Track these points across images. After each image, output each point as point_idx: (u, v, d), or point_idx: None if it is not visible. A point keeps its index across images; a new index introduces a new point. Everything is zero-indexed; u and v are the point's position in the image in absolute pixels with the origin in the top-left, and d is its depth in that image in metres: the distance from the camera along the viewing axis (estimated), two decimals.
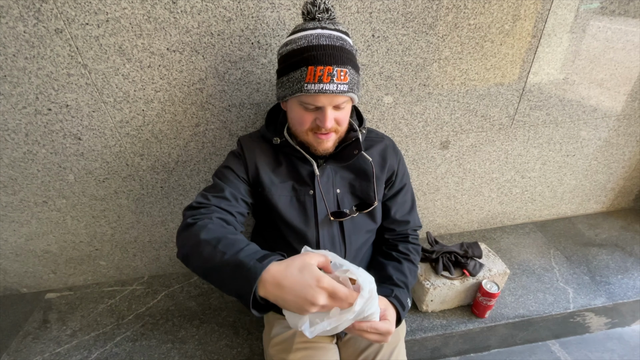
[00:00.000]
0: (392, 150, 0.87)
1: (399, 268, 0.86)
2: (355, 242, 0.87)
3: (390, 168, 0.86)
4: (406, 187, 0.91)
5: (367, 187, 0.84)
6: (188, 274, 1.43)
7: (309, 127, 0.71)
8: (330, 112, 0.68)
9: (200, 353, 1.12)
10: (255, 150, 0.81)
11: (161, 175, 1.16)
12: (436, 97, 1.15)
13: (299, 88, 0.65)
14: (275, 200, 0.80)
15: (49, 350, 1.16)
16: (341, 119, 0.72)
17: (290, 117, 0.75)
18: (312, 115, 0.70)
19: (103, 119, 1.02)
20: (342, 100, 0.68)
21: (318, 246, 0.83)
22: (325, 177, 0.81)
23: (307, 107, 0.68)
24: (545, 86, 1.20)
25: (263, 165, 0.80)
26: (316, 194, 0.80)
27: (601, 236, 1.55)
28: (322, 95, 0.65)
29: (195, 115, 1.05)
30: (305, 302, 0.49)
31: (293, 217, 0.81)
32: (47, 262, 1.30)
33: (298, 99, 0.68)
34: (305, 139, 0.75)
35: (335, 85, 0.65)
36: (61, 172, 1.10)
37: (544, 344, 1.37)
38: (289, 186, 0.81)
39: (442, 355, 1.31)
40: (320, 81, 0.64)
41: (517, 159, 1.38)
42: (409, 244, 0.91)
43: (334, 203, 0.83)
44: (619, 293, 1.28)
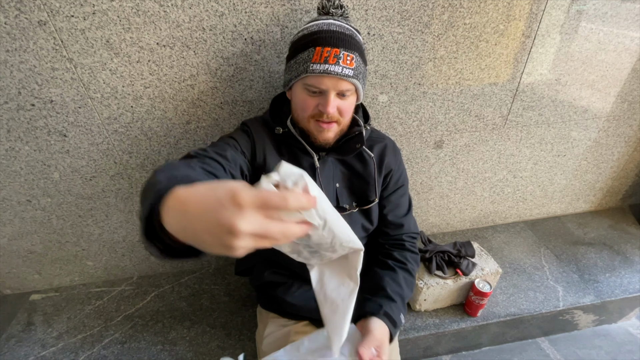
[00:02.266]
0: (391, 150, 0.87)
1: (395, 278, 0.81)
2: None
3: (387, 167, 0.85)
4: (402, 189, 0.90)
5: (367, 184, 0.84)
6: (178, 274, 1.40)
7: (311, 113, 0.71)
8: (334, 99, 0.68)
9: (192, 355, 1.10)
10: (263, 136, 0.79)
11: (150, 174, 1.13)
12: (431, 97, 1.15)
13: (305, 69, 0.66)
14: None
15: (34, 353, 1.12)
16: (344, 109, 0.71)
17: (294, 102, 0.75)
18: (315, 100, 0.70)
19: (90, 116, 0.98)
20: (347, 87, 0.68)
21: None
22: (326, 170, 0.80)
23: (311, 89, 0.68)
24: (538, 87, 1.21)
25: (270, 154, 0.78)
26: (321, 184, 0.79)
27: (590, 235, 1.57)
28: (326, 77, 0.66)
29: (186, 112, 1.02)
30: (220, 228, 0.30)
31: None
32: (31, 262, 1.26)
33: (303, 81, 0.69)
34: (306, 127, 0.74)
35: (341, 68, 0.65)
36: (45, 170, 1.06)
37: (533, 341, 1.40)
38: None
39: (434, 353, 1.32)
40: (325, 61, 0.64)
41: (510, 159, 1.39)
42: (406, 252, 0.87)
43: (333, 197, 0.82)
44: (606, 291, 1.30)
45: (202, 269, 1.41)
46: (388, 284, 0.80)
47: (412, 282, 0.85)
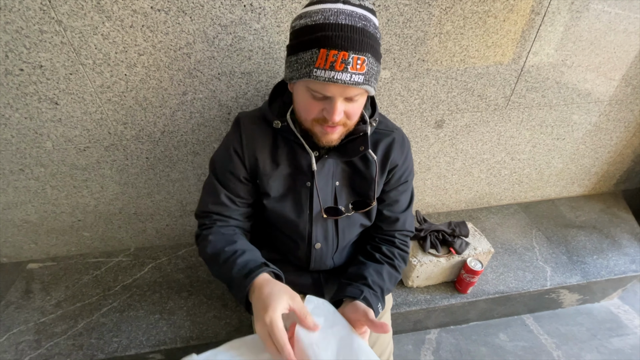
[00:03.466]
0: (399, 145, 0.78)
1: (378, 270, 0.79)
2: (348, 236, 0.85)
3: (392, 163, 0.79)
4: (404, 185, 0.83)
5: (367, 186, 0.78)
6: (175, 246, 1.42)
7: (315, 117, 0.64)
8: (340, 105, 0.60)
9: (189, 324, 1.13)
10: (255, 136, 0.74)
11: (146, 146, 1.11)
12: (434, 74, 1.12)
13: (307, 73, 0.57)
14: (270, 187, 0.76)
15: (33, 319, 1.15)
16: (352, 113, 0.64)
17: (296, 102, 0.67)
18: (319, 104, 0.62)
19: (82, 83, 0.95)
20: (355, 92, 0.60)
21: (310, 239, 0.81)
22: (326, 169, 0.75)
23: (315, 95, 0.60)
24: (543, 67, 1.19)
25: (262, 153, 0.74)
26: (313, 187, 0.75)
27: (581, 218, 1.60)
28: (332, 84, 0.57)
29: (182, 82, 0.99)
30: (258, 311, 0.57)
31: (286, 208, 0.78)
32: (27, 232, 1.26)
33: (305, 84, 0.60)
34: (309, 128, 0.68)
35: (349, 75, 0.56)
36: (38, 139, 1.03)
37: (519, 317, 1.45)
38: (286, 174, 0.76)
39: (423, 327, 1.38)
40: (332, 68, 0.55)
41: (509, 141, 1.39)
42: (395, 248, 0.84)
43: (331, 196, 0.78)
44: (592, 272, 1.34)
45: None
46: (370, 275, 0.77)
47: (396, 277, 0.82)
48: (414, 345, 1.34)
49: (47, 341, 1.09)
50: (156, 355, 1.11)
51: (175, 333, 1.11)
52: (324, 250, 0.84)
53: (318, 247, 0.83)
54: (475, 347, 1.34)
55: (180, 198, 1.28)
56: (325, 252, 0.85)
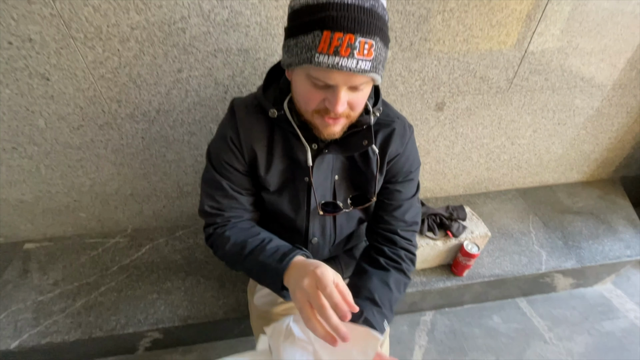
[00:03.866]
0: (399, 137, 0.72)
1: (384, 279, 0.73)
2: (346, 231, 0.83)
3: (390, 155, 0.73)
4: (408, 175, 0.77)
5: (367, 181, 0.74)
6: (172, 228, 1.41)
7: (316, 107, 0.58)
8: (344, 94, 0.54)
9: (187, 303, 1.14)
10: (252, 128, 0.69)
11: (141, 125, 1.09)
12: (436, 54, 1.09)
13: (308, 58, 0.51)
14: (268, 182, 0.72)
15: (31, 298, 1.15)
16: (356, 103, 0.58)
17: (295, 91, 0.61)
18: (321, 94, 0.56)
19: (73, 58, 0.92)
20: (361, 81, 0.54)
21: (307, 234, 0.79)
22: (325, 164, 0.71)
23: (316, 83, 0.54)
24: (548, 49, 1.16)
25: (259, 147, 0.69)
26: (311, 183, 0.71)
27: (578, 204, 1.61)
28: (336, 72, 0.51)
29: (177, 59, 0.96)
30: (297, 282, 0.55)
31: (283, 203, 0.75)
32: (22, 211, 1.25)
33: (306, 70, 0.54)
34: (309, 120, 0.62)
35: (355, 62, 0.50)
36: (30, 116, 1.01)
37: (513, 300, 1.48)
38: (283, 168, 0.72)
39: (419, 309, 1.40)
40: (336, 53, 0.49)
41: (510, 125, 1.37)
42: (399, 249, 0.77)
43: (330, 191, 0.75)
44: (587, 257, 1.36)
45: (196, 224, 1.43)
46: (376, 288, 0.70)
47: (405, 283, 0.76)
48: (409, 327, 1.36)
49: (45, 319, 1.10)
50: (154, 333, 1.13)
51: (173, 312, 1.12)
52: (320, 244, 0.83)
53: (315, 242, 0.82)
54: (469, 329, 1.36)
55: (177, 179, 1.27)
56: (321, 246, 0.84)
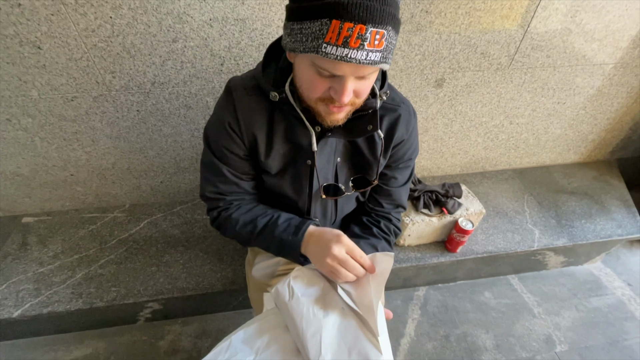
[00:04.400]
0: (404, 122, 0.71)
1: (374, 245, 0.77)
2: (346, 211, 0.85)
3: (396, 140, 0.73)
4: (407, 162, 0.79)
5: (370, 164, 0.74)
6: (171, 203, 1.42)
7: (321, 96, 0.56)
8: (351, 84, 0.52)
9: (185, 275, 1.16)
10: (251, 111, 0.66)
11: (137, 97, 1.07)
12: (437, 28, 1.07)
13: (315, 47, 0.47)
14: (269, 166, 0.71)
15: (32, 270, 1.17)
16: (362, 91, 0.56)
17: (298, 76, 0.58)
18: (326, 82, 0.54)
19: (65, 25, 0.89)
20: (370, 71, 0.52)
21: (308, 216, 0.80)
22: (328, 147, 0.70)
23: (322, 72, 0.52)
24: (551, 24, 1.14)
25: (260, 131, 0.67)
26: (314, 167, 0.70)
27: (573, 185, 1.62)
28: (344, 63, 0.49)
29: (171, 28, 0.94)
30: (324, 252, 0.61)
31: (285, 185, 0.75)
32: (19, 185, 1.25)
33: (311, 59, 0.51)
34: (312, 107, 0.60)
35: (365, 54, 0.47)
36: (22, 87, 0.99)
37: (504, 277, 1.51)
38: (284, 151, 0.71)
39: (412, 284, 1.43)
40: (345, 44, 0.46)
41: (509, 103, 1.36)
42: (392, 225, 0.83)
43: (332, 173, 0.75)
44: (579, 235, 1.38)
45: (194, 200, 1.43)
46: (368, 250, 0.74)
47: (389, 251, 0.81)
48: (403, 301, 1.40)
49: (46, 290, 1.12)
50: (154, 304, 1.15)
51: (172, 284, 1.14)
52: (321, 224, 0.83)
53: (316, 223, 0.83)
54: (461, 304, 1.40)
55: (174, 154, 1.26)
56: (322, 226, 0.83)
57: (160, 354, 1.19)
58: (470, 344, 1.27)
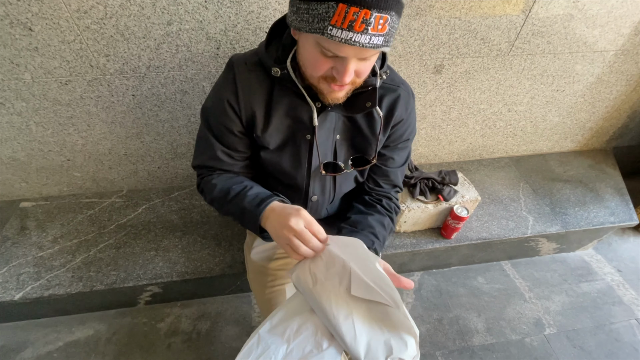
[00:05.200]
0: (404, 102, 0.74)
1: (381, 221, 0.79)
2: (344, 189, 0.85)
3: (395, 120, 0.75)
4: (404, 144, 0.81)
5: (368, 142, 0.75)
6: (168, 189, 1.42)
7: (323, 74, 0.59)
8: (353, 65, 0.55)
9: (184, 260, 1.18)
10: (252, 87, 0.68)
11: (132, 82, 1.06)
12: (437, 12, 1.05)
13: (320, 29, 0.50)
14: (268, 141, 0.72)
15: (32, 254, 1.18)
16: (363, 72, 0.59)
17: (301, 54, 0.60)
18: (329, 62, 0.56)
19: (56, 6, 0.87)
20: (372, 53, 0.55)
21: (307, 192, 0.81)
22: (328, 122, 0.71)
23: (326, 52, 0.54)
24: (553, 9, 1.12)
25: (259, 106, 0.69)
26: (314, 142, 0.71)
27: (569, 173, 1.63)
28: (347, 46, 0.51)
29: (166, 10, 0.92)
30: (282, 224, 0.60)
31: (284, 160, 0.76)
32: (15, 170, 1.25)
33: (316, 39, 0.54)
34: (314, 85, 0.62)
35: (369, 37, 0.50)
36: (15, 70, 0.98)
37: (497, 263, 1.54)
38: (284, 126, 0.72)
39: (407, 269, 1.46)
40: (350, 28, 0.48)
41: (508, 91, 1.35)
42: (392, 203, 0.85)
43: (331, 150, 0.76)
44: (572, 222, 1.40)
45: (191, 185, 1.44)
46: (376, 225, 0.77)
47: (392, 229, 0.83)
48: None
49: (47, 273, 1.13)
50: (153, 287, 1.17)
51: (171, 268, 1.16)
52: (319, 202, 0.85)
53: (315, 200, 0.83)
54: (454, 288, 1.44)
55: (171, 140, 1.26)
56: (320, 204, 0.86)
57: (160, 335, 1.23)
58: (462, 327, 1.31)
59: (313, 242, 0.59)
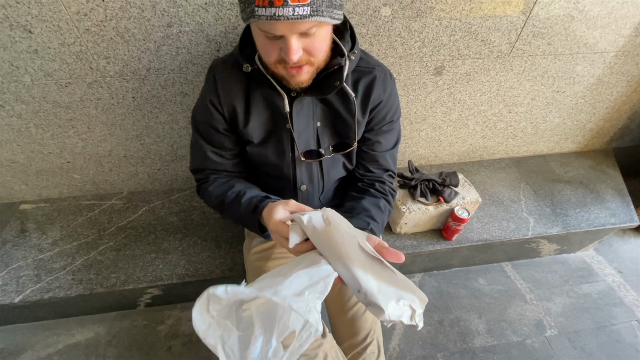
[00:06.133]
0: (381, 82, 0.74)
1: (376, 203, 0.78)
2: (333, 177, 0.85)
3: (373, 102, 0.74)
4: (389, 126, 0.80)
5: (348, 127, 0.76)
6: (168, 191, 1.42)
7: (276, 58, 0.59)
8: (295, 42, 0.55)
9: (184, 262, 1.18)
10: (230, 84, 0.71)
11: (132, 84, 1.06)
12: (438, 14, 1.05)
13: (251, 12, 0.52)
14: (251, 135, 0.75)
15: (32, 256, 1.18)
16: (313, 49, 0.58)
17: (256, 45, 0.61)
18: (275, 44, 0.57)
19: (56, 9, 0.87)
20: (308, 26, 0.53)
21: (295, 182, 0.81)
22: (305, 110, 0.73)
23: (267, 35, 0.55)
24: (554, 10, 1.12)
25: (238, 102, 0.72)
26: (293, 129, 0.73)
27: (569, 174, 1.63)
28: (276, 22, 0.51)
29: (166, 12, 0.91)
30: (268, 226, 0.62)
31: (268, 151, 0.78)
32: (15, 172, 1.24)
33: (254, 25, 0.56)
34: (275, 72, 0.63)
35: (291, 9, 0.49)
36: (14, 72, 0.97)
37: (498, 264, 1.54)
38: (264, 119, 0.74)
39: (408, 271, 1.46)
40: (271, 4, 0.49)
41: (508, 92, 1.35)
42: (386, 186, 0.84)
43: (313, 138, 0.77)
44: (573, 224, 1.40)
45: (191, 187, 1.43)
46: (371, 207, 0.76)
47: (390, 211, 0.82)
48: None
49: (47, 276, 1.13)
50: (154, 290, 1.17)
51: (171, 270, 1.16)
52: (310, 191, 0.85)
53: (304, 189, 0.84)
54: (455, 290, 1.43)
55: (171, 142, 1.25)
56: (311, 193, 0.86)
57: (160, 338, 1.22)
58: (463, 329, 1.31)
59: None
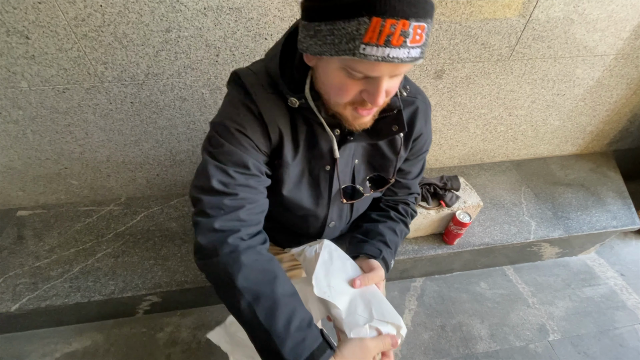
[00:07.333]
0: (422, 114, 0.68)
1: (393, 228, 0.77)
2: (361, 211, 0.83)
3: (416, 133, 0.69)
4: (422, 155, 0.77)
5: (389, 162, 0.71)
6: (167, 196, 1.41)
7: (352, 100, 0.51)
8: (385, 84, 0.48)
9: (183, 269, 1.16)
10: (273, 110, 0.58)
11: (130, 89, 1.05)
12: (438, 17, 1.04)
13: (351, 49, 0.42)
14: (288, 174, 0.64)
15: (28, 264, 1.16)
16: (392, 90, 0.51)
17: (323, 81, 0.52)
18: (358, 85, 0.49)
19: (53, 14, 0.86)
20: (407, 68, 0.47)
21: (325, 220, 0.77)
22: (347, 150, 0.65)
23: (354, 74, 0.47)
24: (554, 13, 1.11)
25: (286, 133, 0.60)
26: (334, 173, 0.66)
27: (570, 177, 1.63)
28: (384, 64, 0.44)
29: (164, 17, 0.91)
30: None
31: (303, 194, 0.68)
32: (12, 178, 1.23)
33: (343, 62, 0.46)
34: (339, 112, 0.55)
35: (407, 51, 0.42)
36: (11, 78, 0.96)
37: (500, 268, 1.53)
38: (303, 157, 0.64)
39: (409, 275, 1.44)
40: (387, 44, 0.41)
41: (509, 95, 1.35)
42: (409, 209, 0.82)
43: (349, 176, 0.71)
44: (574, 227, 1.39)
45: None
46: (386, 232, 0.75)
47: (406, 233, 0.82)
48: (400, 292, 1.41)
49: (43, 284, 1.12)
50: (152, 297, 1.16)
51: (170, 277, 1.14)
52: (336, 226, 0.81)
53: (332, 226, 0.80)
54: (457, 294, 1.42)
55: (170, 147, 1.24)
56: (337, 227, 0.82)
57: (159, 345, 1.21)
58: (466, 334, 1.30)
59: None
